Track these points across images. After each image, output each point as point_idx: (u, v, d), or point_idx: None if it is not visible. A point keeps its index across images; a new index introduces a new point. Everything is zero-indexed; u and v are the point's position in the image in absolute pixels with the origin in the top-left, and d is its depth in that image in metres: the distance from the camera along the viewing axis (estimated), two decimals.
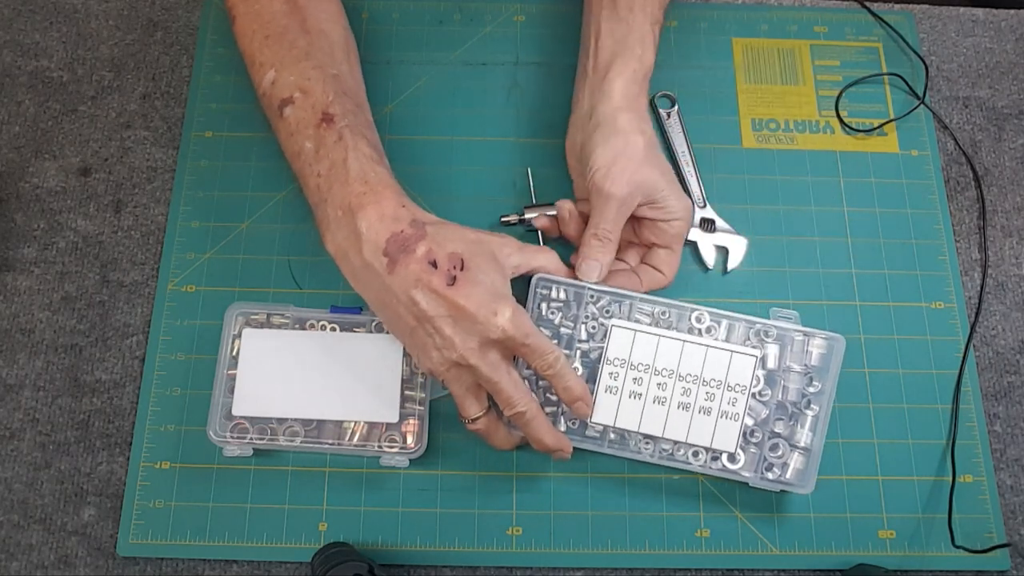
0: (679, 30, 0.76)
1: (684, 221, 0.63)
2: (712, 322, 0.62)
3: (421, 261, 0.55)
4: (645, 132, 0.62)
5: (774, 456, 0.60)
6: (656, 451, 0.61)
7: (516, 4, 0.77)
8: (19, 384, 0.64)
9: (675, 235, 0.63)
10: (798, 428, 0.61)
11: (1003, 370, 0.67)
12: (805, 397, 0.61)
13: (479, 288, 0.55)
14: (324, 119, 0.58)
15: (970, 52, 0.77)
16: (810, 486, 0.60)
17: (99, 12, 0.75)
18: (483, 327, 0.54)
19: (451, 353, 0.55)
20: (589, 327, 0.62)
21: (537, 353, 0.56)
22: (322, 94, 0.59)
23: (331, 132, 0.58)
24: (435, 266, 0.55)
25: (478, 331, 0.55)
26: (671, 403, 0.60)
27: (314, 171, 0.58)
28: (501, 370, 0.56)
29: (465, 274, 0.55)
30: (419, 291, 0.54)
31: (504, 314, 0.54)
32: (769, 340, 0.61)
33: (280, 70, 0.61)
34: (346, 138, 0.58)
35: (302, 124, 0.59)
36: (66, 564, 0.60)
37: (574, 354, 0.62)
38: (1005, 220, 0.71)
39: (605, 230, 0.61)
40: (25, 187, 0.69)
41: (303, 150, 0.59)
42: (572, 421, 0.62)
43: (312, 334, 0.63)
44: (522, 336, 0.55)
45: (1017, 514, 0.63)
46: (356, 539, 0.61)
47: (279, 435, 0.61)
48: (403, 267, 0.55)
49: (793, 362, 0.61)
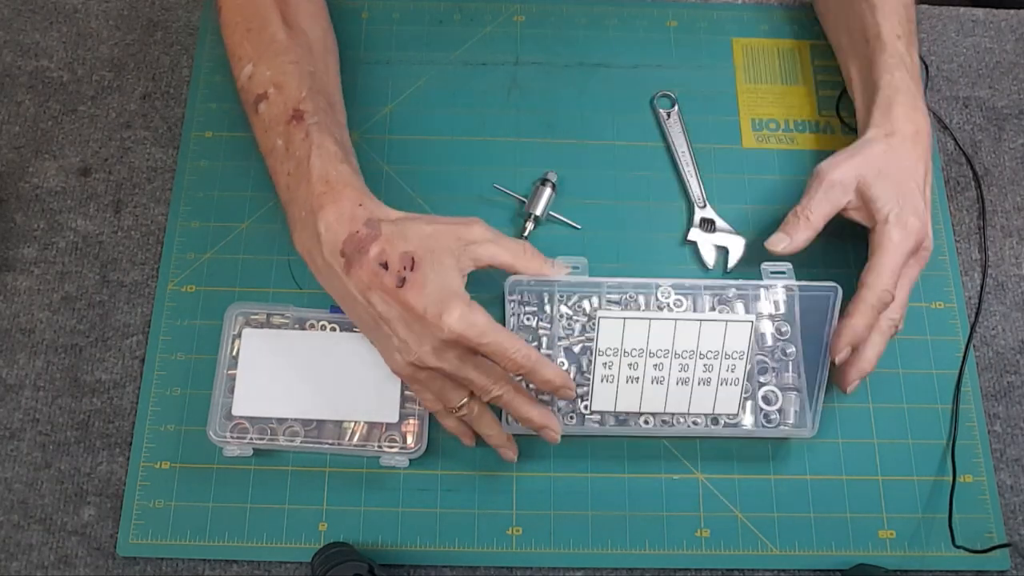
0: (679, 30, 0.76)
1: (898, 228, 0.59)
2: (678, 295, 0.63)
3: (373, 263, 0.54)
4: (893, 142, 0.62)
5: (770, 407, 0.62)
6: (656, 422, 0.62)
7: (516, 4, 0.77)
8: (19, 384, 0.64)
9: (878, 243, 0.60)
10: (783, 373, 0.63)
11: (1003, 370, 0.67)
12: (779, 343, 0.63)
13: (427, 288, 0.53)
14: (295, 116, 0.59)
15: (970, 52, 0.77)
16: (811, 428, 0.61)
17: (99, 12, 0.75)
18: (433, 328, 0.53)
19: (409, 355, 0.55)
20: (564, 324, 0.64)
21: (499, 353, 0.54)
22: (296, 90, 0.60)
23: (299, 129, 0.58)
24: (386, 267, 0.54)
25: (429, 333, 0.53)
26: (669, 381, 0.60)
27: (284, 169, 0.59)
28: (467, 365, 0.55)
29: (414, 274, 0.54)
30: (373, 293, 0.54)
31: (452, 314, 0.53)
32: (733, 300, 0.64)
33: (258, 64, 0.61)
34: (312, 135, 0.58)
35: (274, 121, 0.59)
36: (66, 564, 0.60)
37: (558, 351, 0.63)
38: (1005, 220, 0.71)
39: (805, 207, 0.61)
40: (25, 187, 0.69)
41: (275, 147, 0.59)
42: (570, 416, 0.62)
43: (312, 334, 0.63)
44: (477, 335, 0.53)
45: (1017, 514, 0.63)
46: (356, 539, 0.61)
47: (279, 435, 0.61)
48: (358, 268, 0.54)
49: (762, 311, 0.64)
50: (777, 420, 0.63)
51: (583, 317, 0.65)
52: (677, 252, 0.69)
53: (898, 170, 0.61)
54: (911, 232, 0.59)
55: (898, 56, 0.65)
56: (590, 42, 0.75)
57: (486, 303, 0.65)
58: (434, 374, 0.56)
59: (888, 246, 0.59)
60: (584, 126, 0.72)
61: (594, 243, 0.68)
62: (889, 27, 0.65)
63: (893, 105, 0.63)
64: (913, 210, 0.60)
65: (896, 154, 0.62)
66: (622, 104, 0.73)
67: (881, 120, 0.63)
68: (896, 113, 0.63)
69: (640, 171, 0.71)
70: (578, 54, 0.75)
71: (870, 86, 0.66)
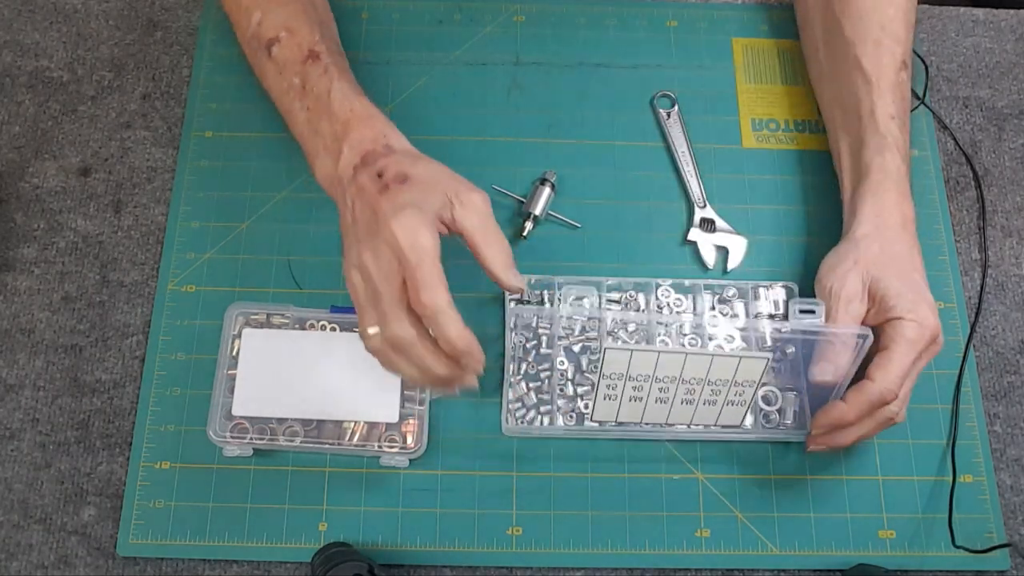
0: (679, 30, 0.76)
1: (912, 326, 0.57)
2: (678, 295, 0.65)
3: (373, 173, 0.55)
4: (888, 236, 0.61)
5: (770, 407, 0.63)
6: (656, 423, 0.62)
7: (516, 4, 0.77)
8: (19, 384, 0.64)
9: (890, 338, 0.58)
10: (783, 373, 0.63)
11: (1003, 370, 0.67)
12: (779, 343, 0.63)
13: (399, 200, 0.53)
14: (310, 55, 0.61)
15: (970, 52, 0.77)
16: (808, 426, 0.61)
17: (99, 12, 0.75)
18: (381, 230, 0.52)
19: (352, 258, 0.54)
20: (564, 324, 0.64)
21: (421, 285, 0.51)
22: (308, 33, 0.62)
23: (317, 67, 0.60)
24: (380, 177, 0.55)
25: (382, 234, 0.52)
26: (674, 401, 0.60)
27: (302, 106, 0.60)
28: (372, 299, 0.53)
29: (399, 187, 0.54)
30: (359, 196, 0.55)
31: (405, 220, 0.52)
32: (733, 299, 0.65)
33: (266, 11, 0.63)
34: (331, 72, 0.60)
35: (289, 61, 0.61)
36: (66, 564, 0.60)
37: (558, 351, 0.63)
38: (1005, 220, 0.71)
39: (834, 333, 0.59)
40: (25, 187, 0.69)
41: (291, 86, 0.61)
42: (569, 416, 0.62)
43: (312, 334, 0.63)
44: (414, 257, 0.51)
45: (1017, 514, 0.63)
46: (356, 539, 0.61)
47: (279, 435, 0.61)
48: (360, 175, 0.56)
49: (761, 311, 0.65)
50: (777, 420, 0.63)
51: (583, 317, 0.65)
52: (677, 252, 0.69)
53: (899, 263, 0.60)
54: (927, 328, 0.58)
55: (891, 137, 0.63)
56: (590, 42, 0.75)
57: (486, 303, 0.66)
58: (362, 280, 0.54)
59: (902, 344, 0.57)
60: (584, 126, 0.72)
61: (594, 243, 0.68)
62: (883, 106, 0.64)
63: (882, 192, 0.62)
64: (928, 304, 0.58)
65: (892, 248, 0.61)
66: (622, 104, 0.73)
67: (871, 212, 0.61)
68: (886, 202, 0.61)
69: (640, 171, 0.71)
70: (578, 54, 0.75)
71: (860, 167, 0.64)
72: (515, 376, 0.64)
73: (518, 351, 0.65)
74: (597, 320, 0.66)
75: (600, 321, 0.65)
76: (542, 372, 0.64)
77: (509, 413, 0.63)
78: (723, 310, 0.66)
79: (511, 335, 0.65)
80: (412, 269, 0.51)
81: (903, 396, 0.58)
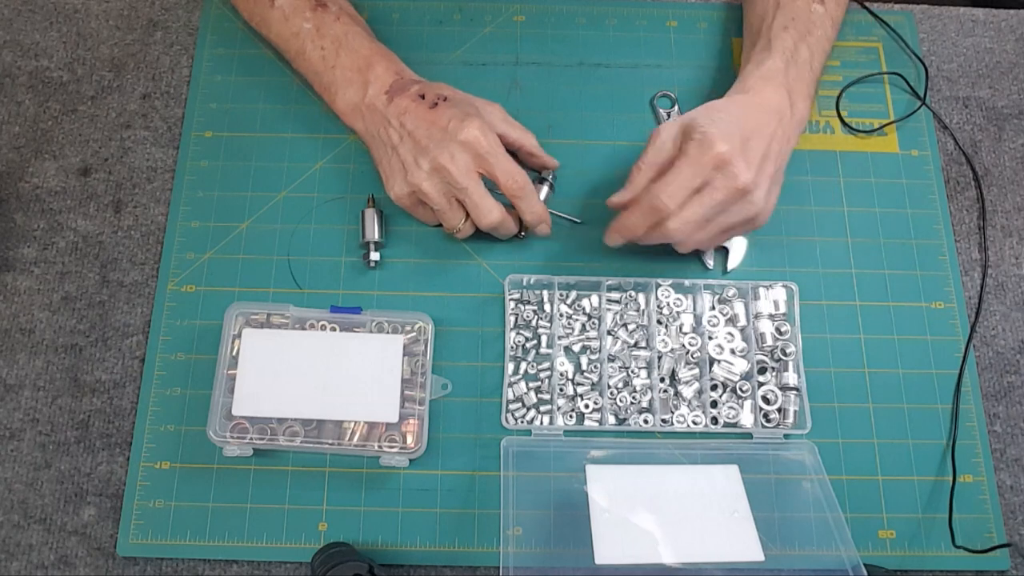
0: (679, 30, 0.76)
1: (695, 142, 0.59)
2: (678, 295, 0.66)
3: (414, 94, 0.64)
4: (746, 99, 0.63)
5: (770, 407, 0.63)
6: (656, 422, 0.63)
7: (516, 4, 0.77)
8: (19, 384, 0.64)
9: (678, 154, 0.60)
10: (782, 373, 0.64)
11: (1003, 370, 0.67)
12: (779, 343, 0.65)
13: (454, 110, 0.62)
14: (319, 4, 0.67)
15: (970, 52, 0.77)
16: (808, 426, 0.62)
17: (99, 12, 0.75)
18: (456, 135, 0.61)
19: (425, 164, 0.61)
20: (564, 323, 0.65)
21: (503, 171, 0.62)
22: None
23: (328, 14, 0.67)
24: (423, 98, 0.63)
25: (455, 138, 0.61)
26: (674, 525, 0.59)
27: (317, 46, 0.66)
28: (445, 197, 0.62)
29: (447, 102, 0.63)
30: (407, 115, 0.63)
31: (472, 124, 0.61)
32: (733, 299, 0.66)
33: None
34: (344, 19, 0.67)
35: (297, 9, 0.66)
36: (66, 564, 0.60)
37: (558, 350, 0.64)
38: (1005, 220, 0.71)
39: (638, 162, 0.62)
40: (25, 187, 0.69)
41: (302, 30, 0.66)
42: (569, 415, 0.62)
43: (312, 334, 0.63)
44: (486, 146, 0.61)
45: (1017, 514, 0.63)
46: (356, 539, 0.61)
47: (279, 435, 0.61)
48: (399, 97, 0.64)
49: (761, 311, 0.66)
50: (777, 420, 0.63)
51: (583, 316, 0.65)
52: (677, 252, 0.69)
53: (738, 116, 0.61)
54: (707, 147, 0.58)
55: (778, 42, 0.65)
56: (590, 42, 0.75)
57: (486, 303, 0.66)
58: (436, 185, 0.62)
59: (680, 159, 0.59)
60: (584, 126, 0.72)
61: (594, 242, 0.68)
62: (780, 19, 0.67)
63: (762, 78, 0.64)
64: (724, 135, 0.58)
65: (742, 106, 0.62)
66: (622, 104, 0.73)
67: (733, 91, 0.64)
68: (761, 83, 0.63)
69: None
70: (578, 54, 0.75)
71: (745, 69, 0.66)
72: (515, 376, 0.64)
73: (518, 351, 0.65)
74: (597, 320, 0.66)
75: (600, 321, 0.65)
76: (542, 372, 0.64)
77: (509, 413, 0.63)
78: (723, 310, 0.66)
79: (511, 335, 0.65)
80: (496, 159, 0.62)
81: (685, 217, 0.59)
